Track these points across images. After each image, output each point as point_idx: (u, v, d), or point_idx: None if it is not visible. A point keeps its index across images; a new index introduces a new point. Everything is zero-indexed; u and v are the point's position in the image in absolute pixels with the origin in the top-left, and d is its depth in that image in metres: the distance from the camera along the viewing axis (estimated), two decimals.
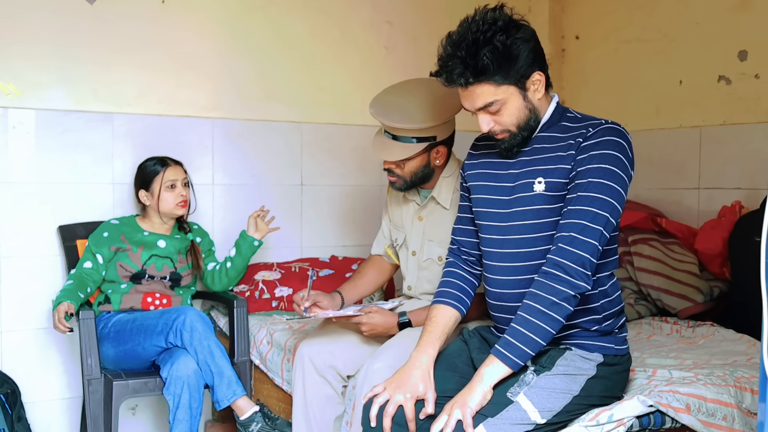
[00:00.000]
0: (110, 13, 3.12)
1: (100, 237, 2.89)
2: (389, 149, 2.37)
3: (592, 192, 1.80)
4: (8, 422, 2.79)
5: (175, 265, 2.94)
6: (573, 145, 1.88)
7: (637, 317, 3.09)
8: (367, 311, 2.38)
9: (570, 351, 1.89)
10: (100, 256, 2.86)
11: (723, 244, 3.02)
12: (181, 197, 2.91)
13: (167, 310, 2.76)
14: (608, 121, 1.89)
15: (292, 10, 3.49)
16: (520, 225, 1.94)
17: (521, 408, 1.77)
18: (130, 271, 2.87)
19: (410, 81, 2.51)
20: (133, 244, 2.89)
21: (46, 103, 3.04)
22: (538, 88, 1.91)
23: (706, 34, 3.37)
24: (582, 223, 1.79)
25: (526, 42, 1.86)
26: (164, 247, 2.93)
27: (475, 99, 1.89)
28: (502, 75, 1.85)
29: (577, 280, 1.78)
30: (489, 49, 1.81)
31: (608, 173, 1.81)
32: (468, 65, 1.84)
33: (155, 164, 2.93)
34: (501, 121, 1.92)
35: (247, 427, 2.62)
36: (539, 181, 1.90)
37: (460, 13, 1.98)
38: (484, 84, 1.86)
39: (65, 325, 2.62)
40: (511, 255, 1.95)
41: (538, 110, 1.94)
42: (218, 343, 2.67)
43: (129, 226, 2.94)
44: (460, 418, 1.73)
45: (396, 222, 2.59)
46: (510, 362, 1.79)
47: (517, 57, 1.84)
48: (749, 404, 2.02)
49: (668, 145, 3.50)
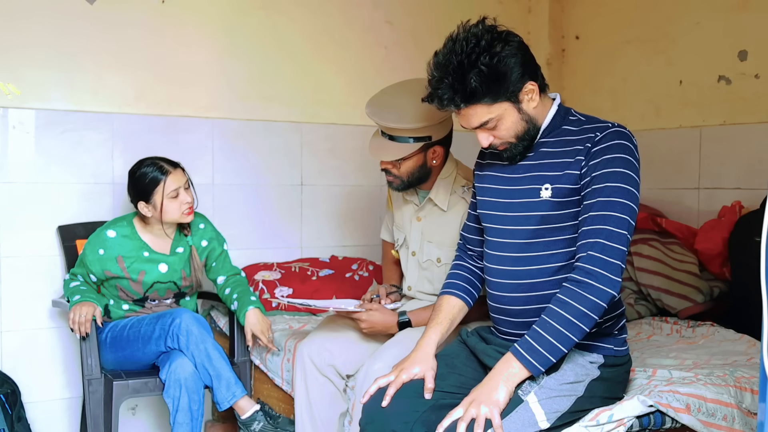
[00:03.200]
0: (110, 13, 3.12)
1: (95, 254, 2.71)
2: (385, 149, 2.38)
3: (612, 197, 1.79)
4: (8, 422, 2.78)
5: (179, 286, 2.84)
6: (581, 150, 1.87)
7: (637, 317, 3.09)
8: (368, 308, 2.38)
9: (571, 351, 1.89)
10: (93, 276, 2.75)
11: (723, 244, 3.02)
12: (186, 205, 2.72)
13: (162, 314, 2.70)
14: (614, 124, 1.89)
15: (292, 10, 3.49)
16: (523, 230, 1.94)
17: (530, 410, 1.77)
18: (131, 297, 2.80)
19: (406, 81, 2.51)
20: (131, 272, 2.72)
21: (46, 103, 3.04)
22: (532, 98, 1.90)
23: (706, 34, 3.37)
24: (608, 229, 1.77)
25: (513, 56, 1.83)
26: (166, 272, 2.78)
27: (470, 119, 1.90)
28: (493, 95, 1.84)
29: (609, 288, 1.76)
30: (475, 73, 1.80)
31: (624, 177, 1.81)
32: (457, 90, 1.83)
33: (153, 171, 2.69)
34: (499, 135, 1.92)
35: (249, 426, 2.62)
36: (546, 188, 1.90)
37: (460, 13, 1.98)
38: (476, 106, 1.86)
39: (88, 328, 2.60)
40: (512, 259, 1.95)
41: (535, 119, 1.93)
42: (216, 345, 2.64)
43: (129, 244, 2.74)
44: (489, 417, 1.72)
45: (397, 222, 2.60)
46: (532, 368, 1.78)
47: (505, 74, 1.83)
48: (749, 404, 2.02)
49: (668, 145, 3.50)
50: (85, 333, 2.62)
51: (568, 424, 1.82)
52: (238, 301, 2.80)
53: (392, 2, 3.72)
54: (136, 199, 2.74)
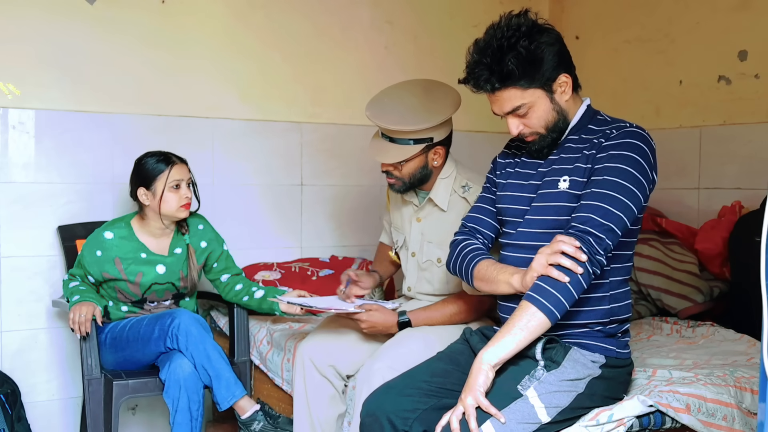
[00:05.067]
0: (110, 13, 3.12)
1: (93, 256, 2.71)
2: (386, 152, 2.37)
3: (605, 189, 1.81)
4: (8, 422, 2.78)
5: (177, 287, 2.84)
6: (595, 144, 1.91)
7: (637, 317, 3.09)
8: (368, 308, 2.38)
9: (573, 349, 1.89)
10: (90, 277, 2.76)
11: (723, 244, 3.02)
12: (185, 199, 2.73)
13: (161, 315, 2.70)
14: (633, 125, 1.91)
15: (292, 10, 3.49)
16: (539, 220, 1.96)
17: (529, 403, 1.77)
18: (129, 298, 2.80)
19: (407, 82, 2.51)
20: (129, 274, 2.72)
21: (46, 103, 3.04)
22: (565, 90, 1.94)
23: (706, 34, 3.37)
24: (592, 218, 1.79)
25: (551, 45, 1.90)
26: (164, 273, 2.77)
27: (503, 103, 1.93)
28: (528, 79, 1.89)
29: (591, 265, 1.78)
30: (513, 55, 1.86)
31: (623, 173, 1.82)
32: (494, 71, 1.88)
33: (159, 161, 2.72)
34: (529, 123, 1.96)
35: (249, 426, 2.62)
36: (564, 179, 1.93)
37: (460, 13, 1.99)
38: (511, 89, 1.90)
39: (89, 328, 2.60)
40: (530, 248, 1.95)
41: (566, 112, 1.96)
42: (215, 345, 2.64)
43: (127, 245, 2.74)
44: (476, 405, 1.73)
45: (396, 224, 2.60)
46: (546, 310, 1.75)
47: (541, 61, 1.88)
48: (749, 404, 2.02)
49: (668, 145, 3.50)
50: (86, 333, 2.62)
51: (569, 422, 1.82)
52: (264, 290, 2.87)
53: (392, 2, 3.72)
54: (136, 186, 2.73)
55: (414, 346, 2.26)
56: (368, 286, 2.56)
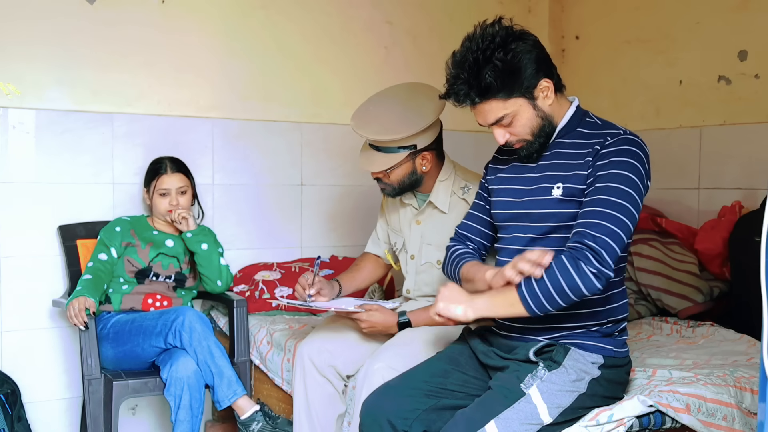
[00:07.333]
0: (110, 13, 3.12)
1: (113, 231, 2.91)
2: (373, 160, 2.40)
3: (610, 196, 1.80)
4: (8, 422, 2.79)
5: (181, 265, 2.94)
6: (591, 152, 1.89)
7: (637, 317, 3.09)
8: (368, 308, 2.38)
9: (572, 350, 1.89)
10: (114, 250, 2.88)
11: (723, 244, 3.02)
12: (172, 206, 2.90)
13: (166, 311, 2.76)
14: (628, 131, 1.91)
15: (292, 9, 3.49)
16: (532, 226, 1.96)
17: (532, 402, 1.78)
18: (136, 266, 2.87)
19: (391, 89, 2.52)
20: (142, 240, 2.91)
21: (46, 103, 3.04)
22: (548, 95, 1.93)
23: (706, 34, 3.37)
24: (602, 224, 1.78)
25: (528, 53, 1.87)
26: (172, 246, 2.95)
27: (486, 115, 1.93)
28: (507, 90, 1.87)
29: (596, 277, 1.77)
30: (490, 68, 1.84)
31: (626, 179, 1.81)
32: (472, 86, 1.87)
33: (155, 167, 2.95)
34: (515, 131, 1.95)
35: (248, 426, 2.63)
36: (558, 186, 1.91)
37: (460, 12, 1.99)
38: (492, 101, 1.89)
39: (84, 318, 2.62)
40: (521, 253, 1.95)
41: (551, 116, 1.95)
42: (218, 343, 2.67)
43: (140, 223, 2.98)
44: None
45: (394, 226, 2.60)
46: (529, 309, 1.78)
47: (519, 70, 1.86)
48: (749, 404, 2.02)
49: (668, 145, 3.50)
50: (83, 323, 2.62)
51: (570, 422, 1.83)
52: None
53: (392, 2, 3.72)
54: (145, 185, 2.99)
55: (414, 346, 2.26)
56: (326, 295, 2.48)
